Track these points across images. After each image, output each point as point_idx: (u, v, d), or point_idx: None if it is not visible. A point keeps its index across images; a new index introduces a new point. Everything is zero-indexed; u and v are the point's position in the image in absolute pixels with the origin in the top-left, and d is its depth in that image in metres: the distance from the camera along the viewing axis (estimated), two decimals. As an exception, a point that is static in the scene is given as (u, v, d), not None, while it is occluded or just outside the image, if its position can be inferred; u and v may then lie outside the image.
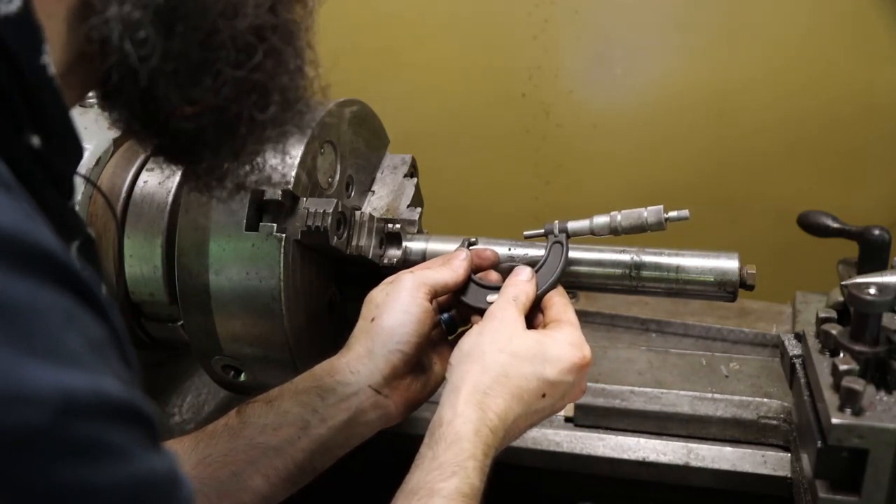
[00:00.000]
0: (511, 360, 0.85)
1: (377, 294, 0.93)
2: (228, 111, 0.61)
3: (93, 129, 1.07)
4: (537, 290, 0.93)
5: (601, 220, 0.97)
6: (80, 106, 1.10)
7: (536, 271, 0.95)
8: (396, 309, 0.91)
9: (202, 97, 0.59)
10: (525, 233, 1.00)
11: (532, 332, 0.89)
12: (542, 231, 0.99)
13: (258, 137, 0.64)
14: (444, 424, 0.81)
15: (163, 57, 0.56)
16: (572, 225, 0.98)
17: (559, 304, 0.93)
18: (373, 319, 0.92)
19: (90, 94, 1.07)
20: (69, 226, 0.55)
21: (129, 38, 0.54)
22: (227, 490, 0.85)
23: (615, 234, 0.97)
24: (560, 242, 0.97)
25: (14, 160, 0.48)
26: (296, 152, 0.96)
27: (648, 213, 0.96)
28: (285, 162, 0.95)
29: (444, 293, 0.95)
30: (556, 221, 0.98)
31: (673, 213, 0.95)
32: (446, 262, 0.95)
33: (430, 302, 0.92)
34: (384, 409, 0.91)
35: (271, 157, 0.69)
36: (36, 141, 0.50)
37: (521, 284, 0.92)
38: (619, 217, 0.96)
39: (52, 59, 0.51)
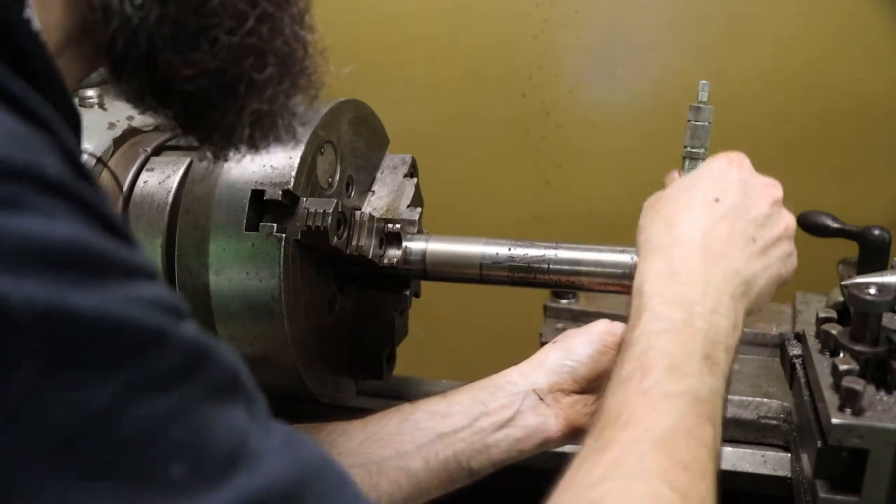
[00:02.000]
0: (661, 202, 0.86)
1: (570, 329, 0.98)
2: (227, 73, 0.64)
3: (93, 129, 1.07)
4: None
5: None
6: (81, 106, 1.10)
7: None
8: (580, 337, 0.95)
9: (201, 60, 0.62)
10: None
11: None
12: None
13: (259, 97, 0.67)
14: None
15: (159, 21, 0.59)
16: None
17: None
18: (555, 342, 0.96)
19: (92, 95, 1.08)
20: None
21: (129, 2, 0.58)
22: (387, 468, 0.88)
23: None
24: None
25: None
26: (296, 152, 0.96)
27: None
28: (285, 162, 0.96)
29: None
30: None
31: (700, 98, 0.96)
32: None
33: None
34: (544, 416, 0.92)
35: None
36: None
37: None
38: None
39: (52, 23, 0.54)
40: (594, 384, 0.94)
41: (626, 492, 0.61)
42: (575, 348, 0.94)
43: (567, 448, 1.15)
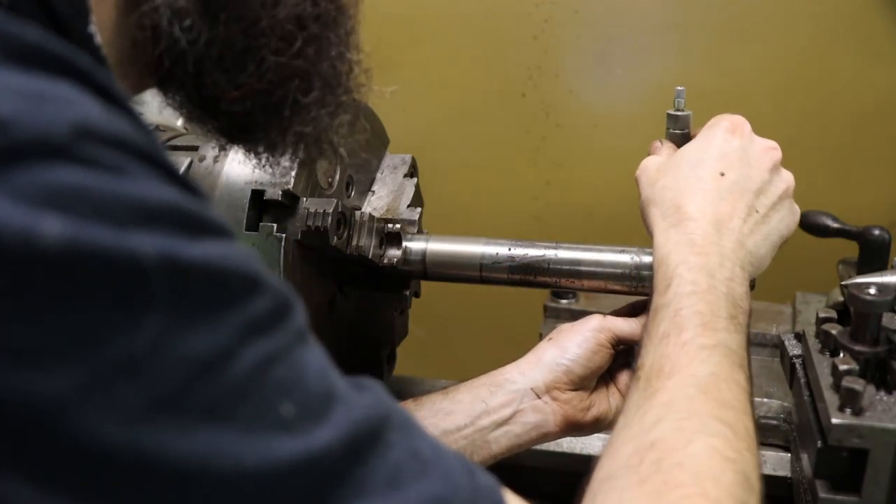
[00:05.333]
0: (668, 177, 0.89)
1: (564, 324, 0.98)
2: (273, 95, 0.65)
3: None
4: None
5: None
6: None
7: None
8: (574, 336, 0.95)
9: (248, 82, 0.63)
10: None
11: None
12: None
13: (303, 119, 0.68)
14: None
15: (208, 43, 0.59)
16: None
17: None
18: (550, 339, 0.97)
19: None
20: None
21: (178, 24, 0.58)
22: None
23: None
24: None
25: None
26: (301, 154, 0.96)
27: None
28: (285, 162, 0.96)
29: (632, 344, 0.96)
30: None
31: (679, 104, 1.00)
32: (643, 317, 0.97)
33: (612, 347, 0.95)
34: (542, 413, 0.94)
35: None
36: None
37: None
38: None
39: (106, 42, 0.54)
40: (588, 380, 0.96)
41: (680, 429, 0.65)
42: (569, 346, 0.95)
43: (565, 447, 1.16)
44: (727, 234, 0.84)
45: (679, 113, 0.99)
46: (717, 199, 0.86)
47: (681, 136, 0.99)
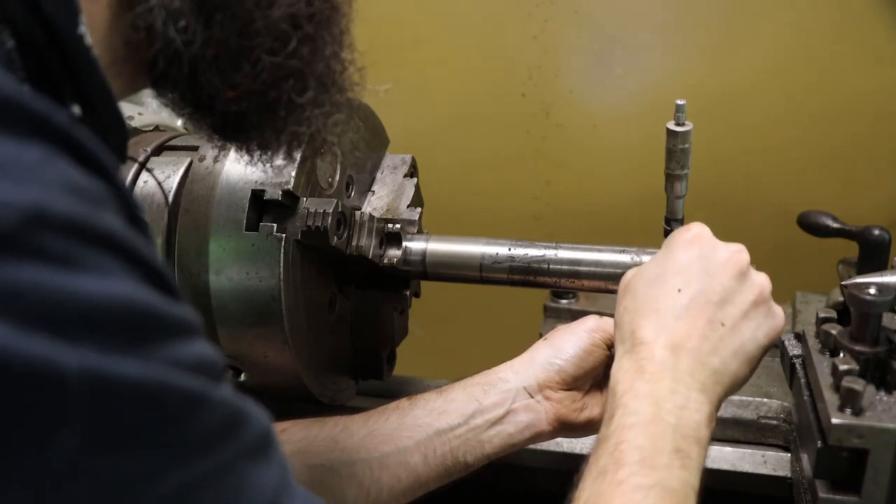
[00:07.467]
0: (628, 297, 0.85)
1: (561, 325, 0.98)
2: (268, 95, 0.64)
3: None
4: None
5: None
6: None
7: None
8: (569, 336, 0.95)
9: (242, 82, 0.62)
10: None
11: None
12: None
13: (298, 118, 0.67)
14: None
15: (203, 44, 0.59)
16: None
17: None
18: (546, 339, 0.97)
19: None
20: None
21: (173, 25, 0.57)
22: (388, 463, 0.90)
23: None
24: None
25: None
26: (296, 153, 0.96)
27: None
28: (285, 162, 0.96)
29: None
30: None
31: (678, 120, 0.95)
32: None
33: (607, 348, 0.95)
34: (535, 413, 0.94)
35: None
36: (77, 110, 0.51)
37: None
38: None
39: (98, 42, 0.53)
40: (581, 381, 0.96)
41: None
42: (563, 346, 0.95)
43: (564, 447, 1.15)
44: (684, 356, 0.78)
45: (679, 129, 0.95)
46: (672, 319, 0.80)
47: (680, 153, 0.96)
